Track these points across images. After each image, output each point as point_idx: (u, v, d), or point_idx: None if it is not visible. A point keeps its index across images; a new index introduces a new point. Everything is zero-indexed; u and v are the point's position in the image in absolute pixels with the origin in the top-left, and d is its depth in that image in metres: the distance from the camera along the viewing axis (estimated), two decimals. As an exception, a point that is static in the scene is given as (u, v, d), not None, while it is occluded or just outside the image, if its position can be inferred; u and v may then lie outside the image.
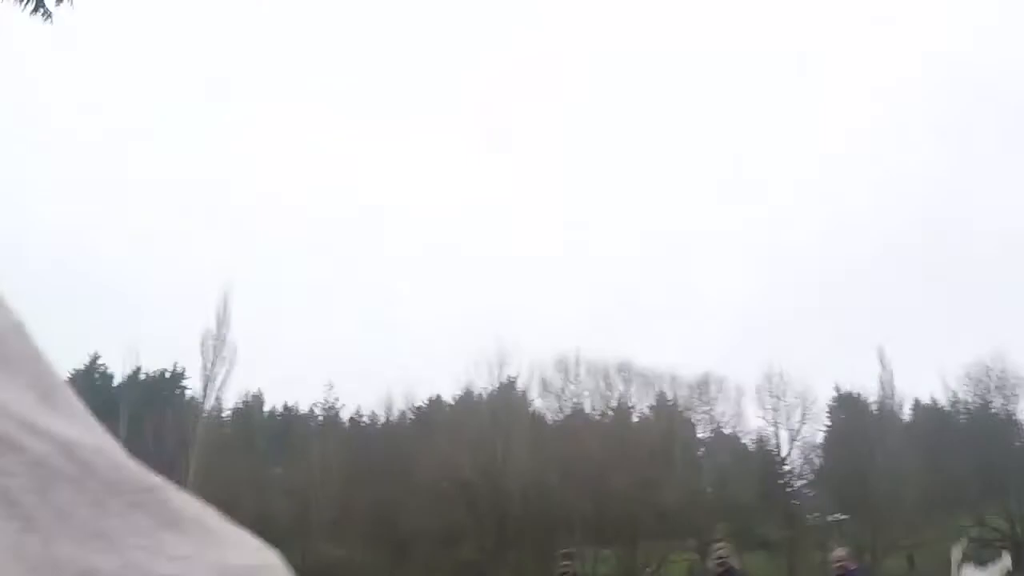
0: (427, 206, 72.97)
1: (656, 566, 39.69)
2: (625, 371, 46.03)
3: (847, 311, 60.39)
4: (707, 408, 45.53)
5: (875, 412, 44.58)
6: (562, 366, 46.47)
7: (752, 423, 44.99)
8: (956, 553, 11.64)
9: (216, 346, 39.70)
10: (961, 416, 45.86)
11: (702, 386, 44.98)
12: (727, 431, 45.73)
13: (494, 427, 42.70)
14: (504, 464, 41.22)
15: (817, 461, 44.90)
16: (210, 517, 0.39)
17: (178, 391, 46.97)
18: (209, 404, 39.15)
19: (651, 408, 46.63)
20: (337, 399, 47.05)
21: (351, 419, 46.93)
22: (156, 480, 0.35)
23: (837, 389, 46.77)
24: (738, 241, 68.11)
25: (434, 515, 38.01)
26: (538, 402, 46.77)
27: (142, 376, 47.40)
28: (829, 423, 46.01)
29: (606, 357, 46.56)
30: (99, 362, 47.68)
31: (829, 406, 46.34)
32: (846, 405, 46.28)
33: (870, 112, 70.40)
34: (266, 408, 49.09)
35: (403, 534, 38.20)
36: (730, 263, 66.22)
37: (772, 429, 44.28)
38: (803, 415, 44.11)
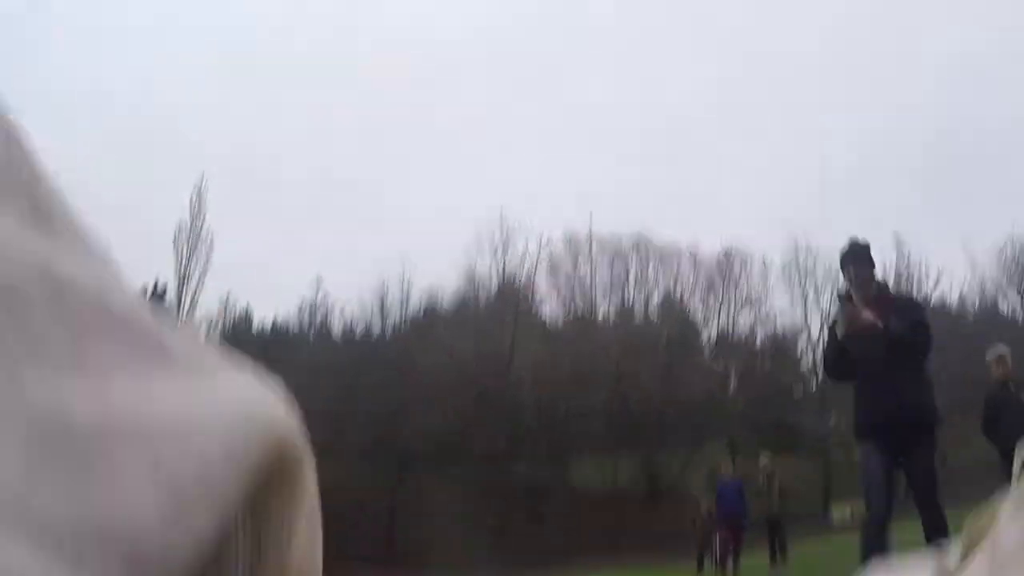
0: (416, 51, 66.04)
1: (680, 470, 36.65)
2: (641, 247, 41.95)
3: (869, 200, 55.70)
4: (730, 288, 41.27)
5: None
6: (572, 244, 42.61)
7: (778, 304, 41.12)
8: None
9: (191, 239, 36.05)
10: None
11: (725, 262, 40.83)
12: (752, 314, 41.56)
13: (499, 322, 39.03)
14: (512, 361, 37.75)
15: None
16: (208, 354, 0.35)
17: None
18: (184, 309, 35.39)
19: (664, 298, 42.39)
20: (327, 302, 42.91)
21: (343, 331, 43.04)
22: (144, 311, 0.31)
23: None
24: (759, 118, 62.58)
25: (438, 423, 34.72)
26: (545, 289, 42.89)
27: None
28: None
29: (619, 233, 42.78)
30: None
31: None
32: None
33: None
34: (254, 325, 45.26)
35: (405, 448, 35.01)
36: (751, 140, 61.17)
37: (801, 310, 40.52)
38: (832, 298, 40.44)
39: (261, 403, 0.32)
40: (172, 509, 0.24)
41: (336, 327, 43.00)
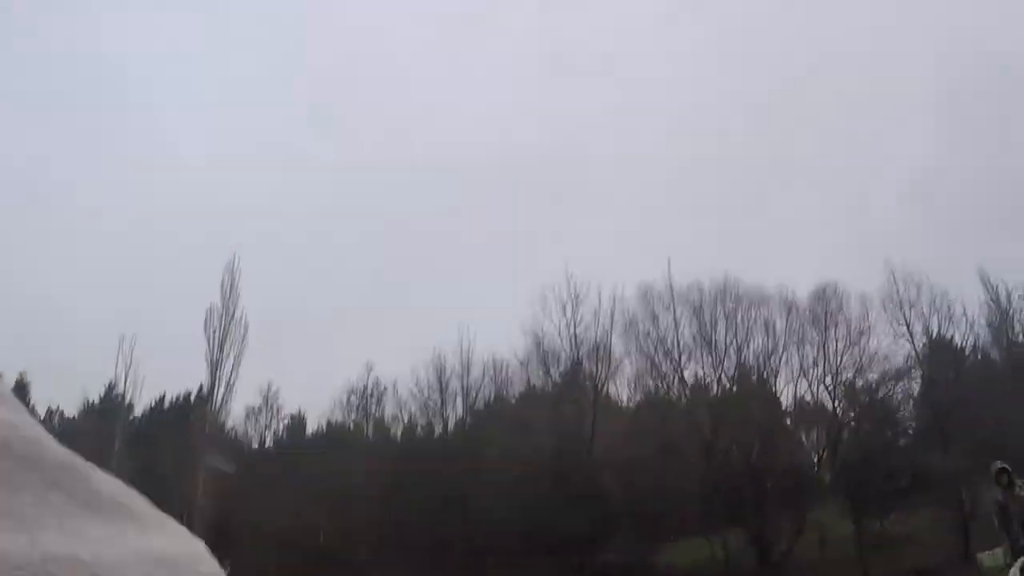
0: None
1: (793, 538, 31.96)
2: (731, 292, 37.08)
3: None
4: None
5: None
6: (648, 298, 37.82)
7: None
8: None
9: (223, 322, 33.85)
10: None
11: (820, 299, 36.50)
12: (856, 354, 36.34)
13: (575, 397, 35.75)
14: (593, 438, 34.30)
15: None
16: (136, 501, 0.35)
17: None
18: (219, 396, 33.45)
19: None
20: (379, 389, 38.22)
21: (401, 419, 39.05)
22: (77, 459, 0.32)
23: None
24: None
25: (515, 511, 31.21)
26: (622, 352, 37.78)
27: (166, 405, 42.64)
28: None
29: (700, 281, 37.72)
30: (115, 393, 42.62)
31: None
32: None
33: None
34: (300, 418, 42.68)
35: (478, 541, 31.63)
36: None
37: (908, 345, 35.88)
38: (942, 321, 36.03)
39: (189, 550, 0.33)
40: None
41: (391, 415, 39.04)
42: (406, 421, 38.49)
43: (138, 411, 43.66)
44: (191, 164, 58.06)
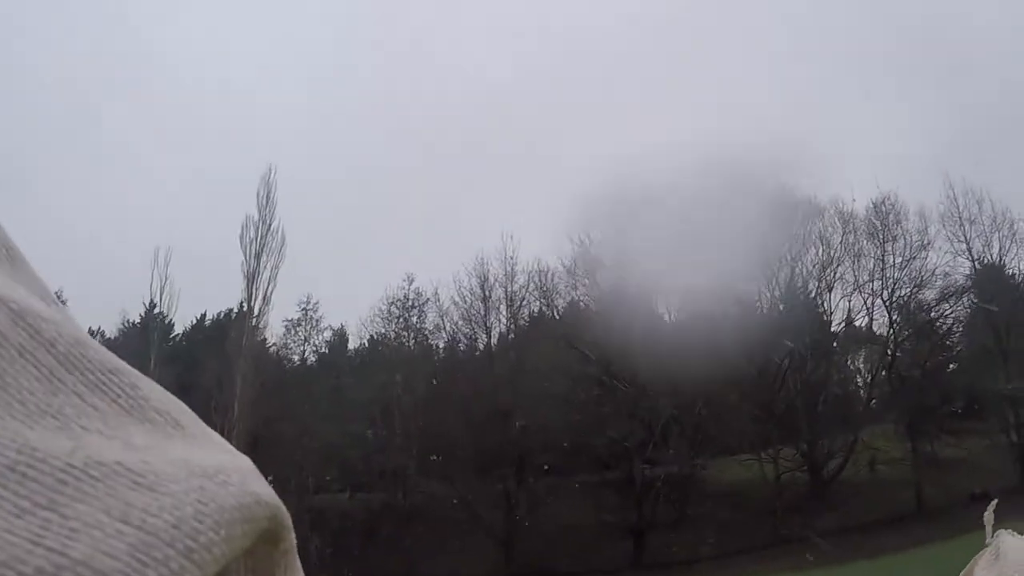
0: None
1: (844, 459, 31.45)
2: (787, 202, 35.29)
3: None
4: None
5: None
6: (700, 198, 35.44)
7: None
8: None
9: (259, 232, 32.72)
10: None
11: (878, 211, 34.55)
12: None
13: (622, 307, 34.39)
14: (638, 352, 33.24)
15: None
16: (185, 413, 0.35)
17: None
18: (256, 308, 32.37)
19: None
20: (420, 301, 36.68)
21: (444, 329, 37.50)
22: (124, 365, 0.32)
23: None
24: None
25: (561, 423, 30.60)
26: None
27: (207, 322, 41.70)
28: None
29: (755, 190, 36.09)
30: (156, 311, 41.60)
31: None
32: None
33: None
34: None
35: (524, 453, 31.19)
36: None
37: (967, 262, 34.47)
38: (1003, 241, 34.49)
39: (233, 464, 0.31)
40: (141, 558, 0.24)
41: (433, 324, 37.53)
42: (449, 332, 37.37)
43: (179, 329, 42.99)
44: (229, 77, 55.71)
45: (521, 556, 29.39)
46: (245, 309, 32.80)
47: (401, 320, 35.84)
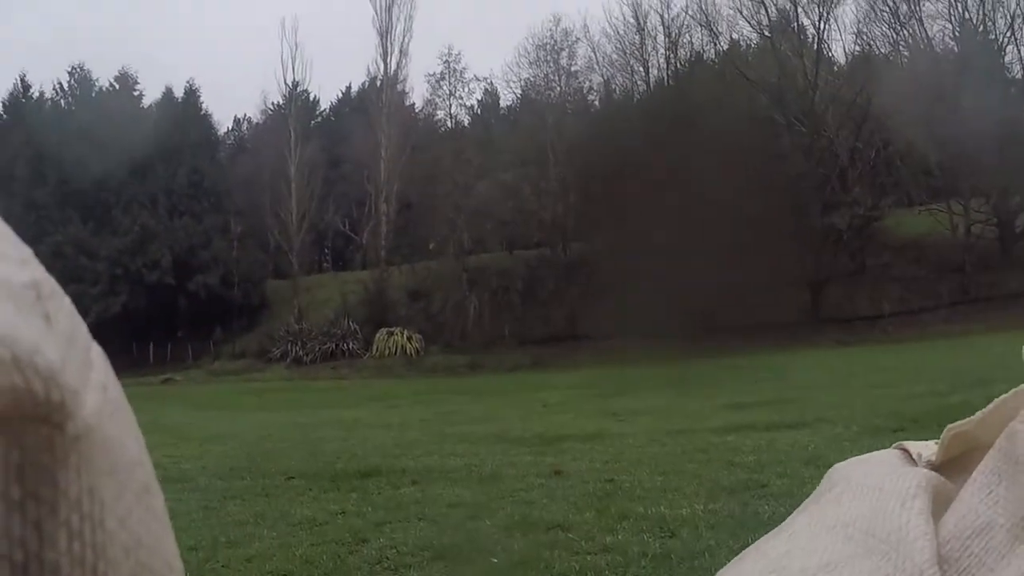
0: None
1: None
2: None
3: None
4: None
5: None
6: None
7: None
8: None
9: None
10: None
11: None
12: None
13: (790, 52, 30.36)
14: (813, 92, 29.38)
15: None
16: None
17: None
18: (392, 64, 30.75)
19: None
20: (568, 42, 33.15)
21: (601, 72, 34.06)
22: None
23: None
24: None
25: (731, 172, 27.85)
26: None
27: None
28: None
29: None
30: (299, 90, 40.73)
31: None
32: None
33: None
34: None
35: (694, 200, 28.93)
36: None
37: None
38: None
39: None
40: None
41: (584, 65, 34.01)
42: (603, 69, 33.88)
43: (324, 105, 42.49)
44: None
45: (690, 308, 28.04)
46: (381, 68, 31.19)
47: (550, 62, 33.01)
